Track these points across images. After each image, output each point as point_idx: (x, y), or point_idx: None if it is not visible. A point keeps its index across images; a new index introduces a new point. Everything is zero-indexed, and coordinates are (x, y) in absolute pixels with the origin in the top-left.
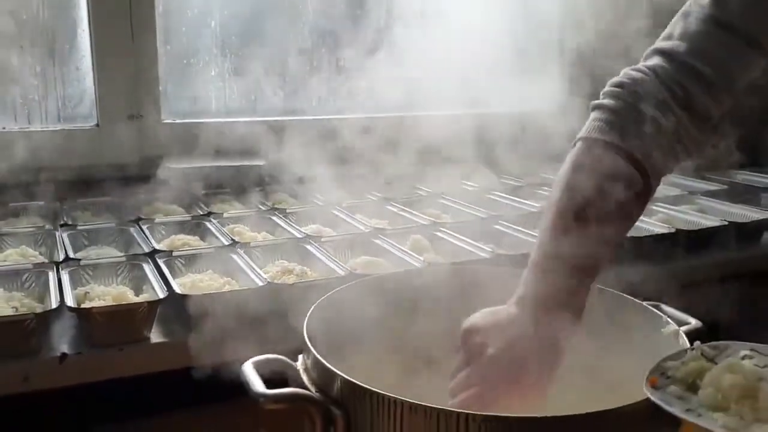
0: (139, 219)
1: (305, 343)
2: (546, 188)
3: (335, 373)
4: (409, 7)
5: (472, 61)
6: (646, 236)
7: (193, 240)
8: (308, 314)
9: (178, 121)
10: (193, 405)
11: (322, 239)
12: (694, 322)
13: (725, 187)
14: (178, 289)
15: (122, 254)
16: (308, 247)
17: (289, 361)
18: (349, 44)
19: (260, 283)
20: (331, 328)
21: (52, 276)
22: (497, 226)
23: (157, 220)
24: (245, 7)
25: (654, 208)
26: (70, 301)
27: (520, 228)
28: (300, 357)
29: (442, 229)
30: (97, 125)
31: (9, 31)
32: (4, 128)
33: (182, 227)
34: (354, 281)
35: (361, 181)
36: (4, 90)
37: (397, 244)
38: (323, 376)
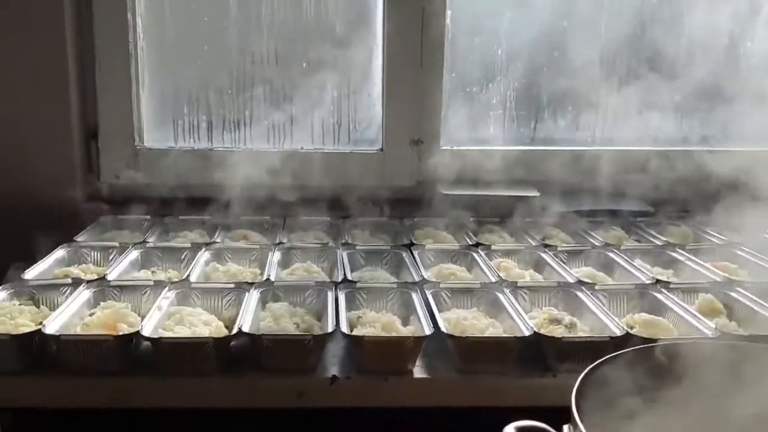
0: (411, 244)
1: (572, 414)
2: None
3: None
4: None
5: None
6: None
7: (459, 271)
8: (578, 381)
9: (455, 147)
10: None
11: (596, 287)
12: None
13: None
14: (443, 327)
15: (393, 281)
16: (579, 294)
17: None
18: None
19: (526, 332)
20: (604, 399)
21: (330, 295)
22: None
23: (428, 246)
24: (535, 34)
25: None
26: (344, 325)
27: None
28: (565, 428)
29: (738, 289)
30: (381, 149)
31: (315, 61)
32: (302, 148)
33: (450, 256)
34: (633, 348)
35: (642, 221)
36: (308, 114)
37: (683, 302)
38: None
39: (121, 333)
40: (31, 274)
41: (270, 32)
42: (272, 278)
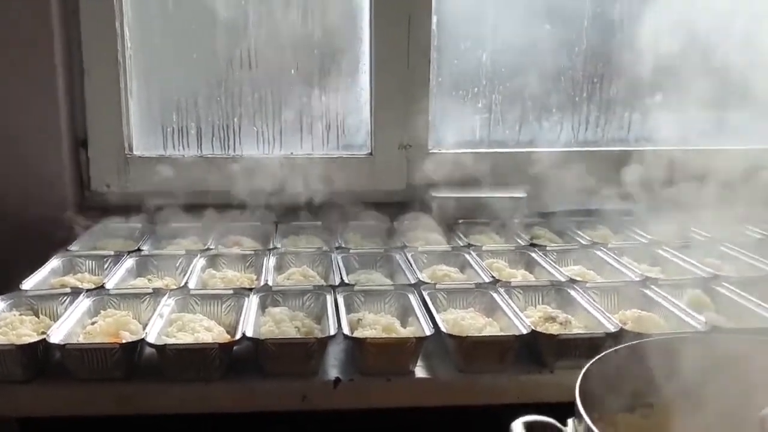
0: (404, 246)
1: (577, 408)
2: None
3: None
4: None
5: None
6: None
7: (453, 272)
8: (580, 376)
9: (443, 151)
10: None
11: (587, 285)
12: None
13: None
14: (443, 327)
15: (391, 283)
16: (571, 292)
17: (559, 426)
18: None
19: (523, 330)
20: (604, 393)
21: (329, 299)
22: None
23: (420, 248)
24: (518, 38)
25: None
26: (345, 327)
27: None
28: (570, 422)
29: (724, 284)
30: (371, 153)
31: (303, 66)
32: (291, 153)
33: (443, 257)
34: (632, 342)
35: (628, 219)
36: (294, 119)
37: (672, 297)
38: None
39: (125, 341)
40: (28, 284)
41: (257, 39)
42: (270, 283)
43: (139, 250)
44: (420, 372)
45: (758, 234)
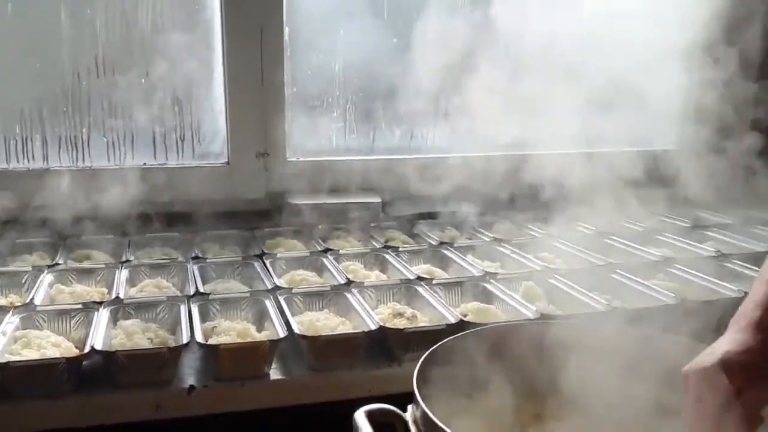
0: (263, 253)
1: (414, 395)
2: (667, 234)
3: (444, 429)
4: (522, 46)
5: (590, 97)
6: None
7: (311, 276)
8: (418, 365)
9: (301, 159)
10: None
11: (433, 282)
12: None
13: None
14: (296, 329)
15: (247, 290)
16: (419, 289)
17: (399, 412)
18: (466, 84)
19: (372, 327)
20: (442, 379)
21: (183, 309)
22: (615, 276)
23: (279, 255)
24: (368, 51)
25: None
26: (199, 335)
27: (639, 279)
28: (409, 408)
29: (555, 276)
30: (228, 162)
31: (154, 75)
32: (144, 164)
33: (301, 263)
34: (466, 332)
35: (472, 220)
36: (146, 128)
37: (509, 290)
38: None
39: None
40: None
41: (105, 47)
42: (121, 296)
43: None
44: (275, 374)
45: (588, 230)
